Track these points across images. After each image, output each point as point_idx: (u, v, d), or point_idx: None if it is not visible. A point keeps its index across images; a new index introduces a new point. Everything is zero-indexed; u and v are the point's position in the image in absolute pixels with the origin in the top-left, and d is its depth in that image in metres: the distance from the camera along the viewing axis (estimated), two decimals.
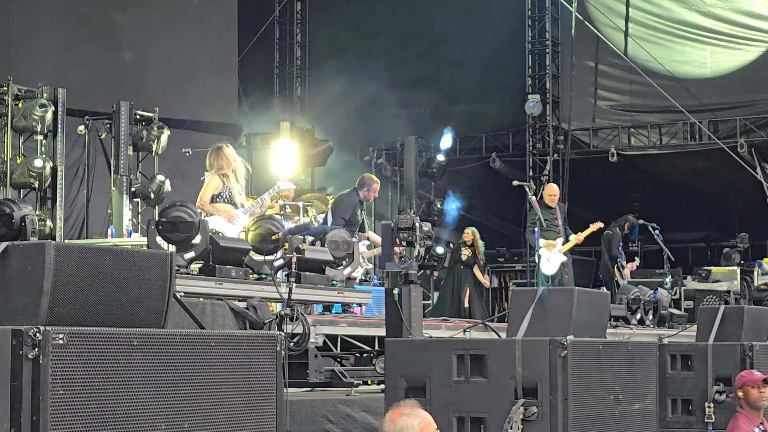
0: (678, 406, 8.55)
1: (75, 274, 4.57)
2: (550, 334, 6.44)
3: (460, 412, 6.44)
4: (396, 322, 8.47)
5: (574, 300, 6.86)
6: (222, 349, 4.89)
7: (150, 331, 4.63)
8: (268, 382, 5.12)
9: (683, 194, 23.65)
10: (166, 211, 9.12)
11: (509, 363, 6.32)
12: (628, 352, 7.04)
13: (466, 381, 6.46)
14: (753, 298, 19.91)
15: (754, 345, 8.47)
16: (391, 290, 8.59)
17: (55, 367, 4.19)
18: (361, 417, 8.62)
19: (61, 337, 4.23)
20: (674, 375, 8.55)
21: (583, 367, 6.41)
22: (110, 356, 4.39)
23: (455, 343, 6.97)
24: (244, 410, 4.98)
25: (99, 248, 4.75)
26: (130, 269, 4.78)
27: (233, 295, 9.06)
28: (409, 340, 7.74)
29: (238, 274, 9.18)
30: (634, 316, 14.34)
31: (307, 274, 9.79)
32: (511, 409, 6.24)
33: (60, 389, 4.18)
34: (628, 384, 6.95)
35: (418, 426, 4.58)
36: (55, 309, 4.48)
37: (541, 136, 22.94)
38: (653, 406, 7.28)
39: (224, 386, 4.87)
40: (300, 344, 8.39)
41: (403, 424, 4.57)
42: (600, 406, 6.61)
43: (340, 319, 10.44)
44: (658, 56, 22.29)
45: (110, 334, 4.43)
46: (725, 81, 21.81)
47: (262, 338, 5.15)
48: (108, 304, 4.69)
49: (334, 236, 10.18)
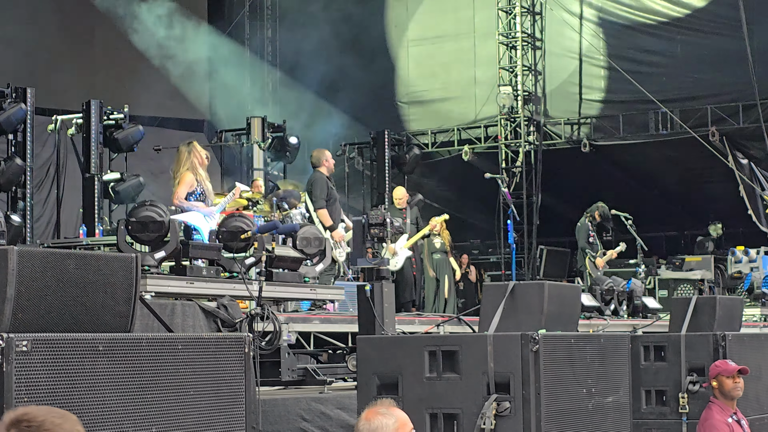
0: (652, 397, 8.55)
1: (39, 279, 4.52)
2: (521, 329, 6.43)
3: (433, 408, 6.42)
4: (368, 319, 8.46)
5: (545, 294, 6.85)
6: (189, 352, 4.86)
7: (116, 336, 4.58)
8: (237, 384, 5.09)
9: (656, 183, 23.73)
10: (135, 210, 9.06)
11: (481, 358, 6.31)
12: (601, 345, 7.03)
13: (438, 377, 6.44)
14: (727, 286, 19.99)
15: (727, 335, 8.48)
16: (362, 287, 8.57)
17: (19, 374, 4.15)
18: (335, 414, 8.60)
19: (24, 344, 4.19)
20: (648, 366, 8.55)
21: (555, 360, 6.40)
22: (75, 362, 4.34)
23: (427, 340, 6.95)
24: (213, 412, 4.95)
25: (62, 253, 4.70)
26: (95, 273, 4.73)
27: (204, 294, 9.01)
28: (380, 337, 7.72)
29: (210, 272, 9.13)
30: (608, 306, 14.38)
31: (279, 272, 9.75)
32: (484, 404, 6.23)
33: (24, 397, 4.14)
34: (601, 377, 6.94)
35: (393, 425, 4.55)
36: (18, 315, 4.43)
37: (513, 128, 22.94)
38: (627, 398, 7.28)
39: (192, 389, 4.84)
40: (271, 343, 8.35)
41: (378, 424, 4.54)
42: (573, 400, 6.60)
43: (312, 316, 10.40)
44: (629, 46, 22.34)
45: (75, 339, 4.39)
46: (696, 70, 21.86)
47: (230, 340, 5.12)
48: (73, 309, 4.63)
49: (305, 233, 10.14)
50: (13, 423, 3.10)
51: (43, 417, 3.11)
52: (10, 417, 3.12)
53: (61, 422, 3.12)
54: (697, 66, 21.83)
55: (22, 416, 3.12)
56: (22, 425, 3.09)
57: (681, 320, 8.82)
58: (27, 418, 3.11)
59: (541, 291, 6.87)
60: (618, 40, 22.48)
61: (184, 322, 8.31)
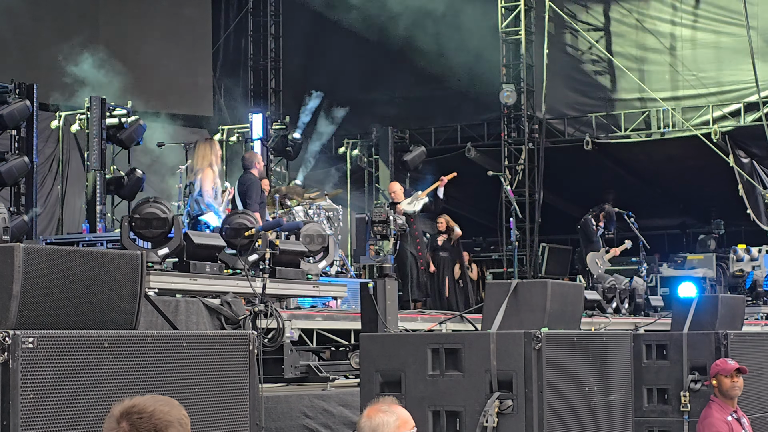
0: (654, 396, 8.57)
1: (44, 276, 4.53)
2: (524, 327, 6.45)
3: (436, 406, 6.44)
4: (371, 316, 8.46)
5: (548, 292, 6.86)
6: (194, 349, 4.87)
7: (121, 333, 4.60)
8: (241, 381, 5.10)
9: (658, 181, 23.73)
10: (139, 207, 9.08)
11: (484, 356, 6.33)
12: (603, 344, 7.05)
13: (441, 375, 6.46)
14: (729, 284, 20.00)
15: (728, 333, 8.50)
16: (365, 284, 8.58)
17: (25, 371, 4.17)
18: (338, 411, 8.62)
19: (30, 341, 4.20)
20: (649, 364, 8.57)
21: (557, 359, 6.42)
22: (81, 359, 4.36)
23: (430, 338, 6.96)
24: (217, 409, 4.96)
25: (68, 250, 4.72)
26: (100, 270, 4.74)
27: (208, 291, 9.02)
28: (383, 335, 7.73)
29: (213, 269, 9.15)
30: (610, 304, 14.39)
31: (282, 269, 9.77)
32: (487, 402, 6.25)
33: (30, 393, 4.16)
34: (603, 375, 6.96)
35: (394, 423, 4.56)
36: (24, 312, 4.44)
37: (516, 126, 22.94)
38: (629, 397, 7.31)
39: (197, 386, 4.85)
40: (275, 340, 8.37)
41: (379, 421, 4.55)
42: (575, 398, 6.62)
43: (315, 313, 10.42)
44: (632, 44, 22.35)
45: (80, 336, 4.40)
46: (698, 68, 21.86)
47: (235, 337, 5.14)
48: (78, 306, 4.65)
49: (308, 230, 10.16)
50: (123, 415, 3.16)
51: (152, 407, 3.18)
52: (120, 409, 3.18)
53: (169, 410, 3.19)
54: (699, 64, 21.83)
55: (131, 408, 3.18)
56: (133, 417, 3.15)
57: (683, 319, 8.84)
58: (137, 409, 3.17)
59: (544, 289, 6.89)
60: (621, 38, 22.48)
61: (187, 318, 8.33)
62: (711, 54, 21.73)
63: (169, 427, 3.15)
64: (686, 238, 24.48)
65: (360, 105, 22.70)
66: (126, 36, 21.73)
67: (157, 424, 3.14)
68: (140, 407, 3.18)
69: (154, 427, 3.14)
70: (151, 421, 3.15)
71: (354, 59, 23.97)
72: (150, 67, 21.74)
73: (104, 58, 20.80)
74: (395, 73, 24.01)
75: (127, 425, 3.14)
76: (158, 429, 3.13)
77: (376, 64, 23.98)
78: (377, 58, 23.91)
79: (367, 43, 23.83)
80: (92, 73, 19.88)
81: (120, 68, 21.13)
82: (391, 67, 24.01)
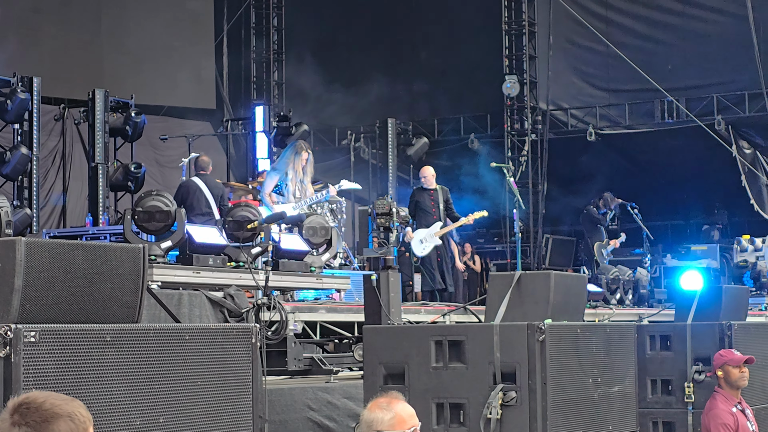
0: (657, 387, 8.55)
1: (46, 270, 4.51)
2: (527, 319, 6.44)
3: (439, 398, 6.43)
4: (375, 308, 8.45)
5: (552, 284, 6.85)
6: (197, 343, 4.86)
7: (123, 327, 4.58)
8: (244, 374, 5.09)
9: (661, 172, 23.70)
10: (142, 200, 9.08)
11: (487, 348, 6.32)
12: (606, 335, 7.04)
13: (444, 367, 6.45)
14: (733, 275, 19.98)
15: (732, 324, 8.47)
16: (369, 276, 8.57)
17: (27, 365, 4.15)
18: (342, 404, 8.61)
19: (32, 335, 4.19)
20: (653, 355, 8.55)
21: (561, 350, 6.41)
22: (83, 353, 4.34)
23: (433, 330, 6.96)
24: (220, 402, 4.95)
25: (70, 244, 4.70)
26: (102, 264, 4.73)
27: (211, 284, 9.02)
28: (386, 327, 7.72)
29: (216, 262, 9.15)
30: (614, 295, 14.39)
31: (285, 261, 9.76)
32: (490, 394, 6.24)
33: (33, 387, 4.13)
34: (606, 366, 6.95)
35: (389, 422, 4.51)
36: (26, 306, 4.43)
37: (519, 117, 22.93)
38: (632, 388, 7.29)
39: (199, 379, 4.84)
40: (278, 332, 8.36)
41: (375, 417, 4.53)
42: (579, 390, 6.61)
43: (319, 305, 10.41)
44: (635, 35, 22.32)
45: (83, 330, 4.39)
46: (701, 58, 21.83)
47: (237, 330, 5.12)
48: (80, 299, 4.63)
49: (311, 222, 10.15)
50: (16, 407, 3.14)
51: (43, 399, 3.16)
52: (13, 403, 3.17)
53: (61, 403, 3.16)
54: (703, 54, 21.79)
55: (24, 399, 3.16)
56: (21, 408, 3.13)
57: (687, 310, 8.82)
58: (27, 401, 3.15)
59: (548, 281, 6.87)
60: (624, 29, 22.44)
61: (190, 312, 8.32)
62: (715, 44, 21.68)
63: (57, 419, 3.11)
64: (690, 228, 24.46)
65: (363, 96, 22.67)
66: (129, 29, 21.70)
67: (44, 415, 3.11)
68: (31, 398, 3.16)
69: (41, 417, 3.11)
70: (39, 412, 3.13)
71: (357, 49, 23.96)
72: (153, 60, 21.72)
73: (107, 51, 20.77)
74: (399, 64, 23.98)
75: (18, 417, 3.13)
76: (45, 419, 3.11)
77: (379, 56, 23.95)
78: (380, 48, 23.90)
79: (371, 32, 23.82)
80: (95, 66, 19.86)
81: (123, 61, 21.13)
82: (395, 58, 23.99)
